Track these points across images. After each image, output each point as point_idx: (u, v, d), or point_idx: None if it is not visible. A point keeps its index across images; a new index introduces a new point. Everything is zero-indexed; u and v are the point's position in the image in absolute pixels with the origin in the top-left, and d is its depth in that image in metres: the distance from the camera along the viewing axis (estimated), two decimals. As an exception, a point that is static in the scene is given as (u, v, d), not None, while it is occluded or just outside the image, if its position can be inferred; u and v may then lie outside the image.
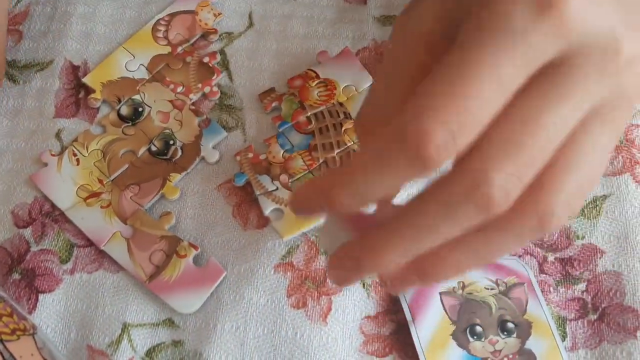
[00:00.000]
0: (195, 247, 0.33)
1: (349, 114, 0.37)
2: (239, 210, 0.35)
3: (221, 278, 0.32)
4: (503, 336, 0.31)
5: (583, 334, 0.31)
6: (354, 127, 0.33)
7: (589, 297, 0.32)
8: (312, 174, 0.35)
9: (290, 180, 0.35)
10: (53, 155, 0.36)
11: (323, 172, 0.35)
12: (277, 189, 0.35)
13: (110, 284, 0.33)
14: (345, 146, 0.36)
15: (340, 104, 0.38)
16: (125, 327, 0.32)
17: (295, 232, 0.33)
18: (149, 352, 0.32)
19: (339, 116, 0.37)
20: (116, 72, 0.39)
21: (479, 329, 0.31)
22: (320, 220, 0.33)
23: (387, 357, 0.31)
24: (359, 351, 0.31)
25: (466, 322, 0.31)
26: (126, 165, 0.36)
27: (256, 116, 0.38)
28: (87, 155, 0.36)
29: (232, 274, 0.33)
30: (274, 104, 0.38)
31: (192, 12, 0.41)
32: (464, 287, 0.32)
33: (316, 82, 0.38)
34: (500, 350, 0.30)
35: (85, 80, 0.39)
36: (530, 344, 0.30)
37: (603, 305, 0.32)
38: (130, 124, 0.37)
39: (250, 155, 0.36)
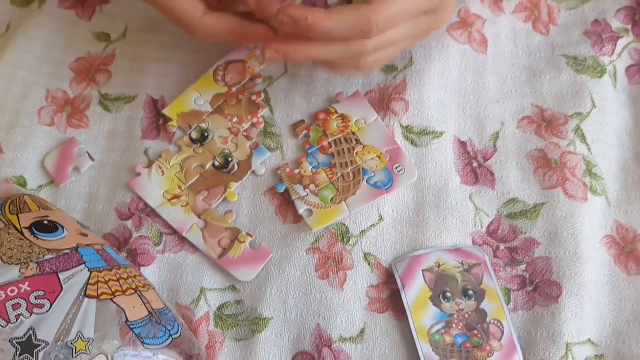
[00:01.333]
0: (251, 236, 0.46)
1: (360, 140, 0.50)
2: (280, 210, 0.48)
3: (269, 258, 0.46)
4: (465, 300, 0.44)
5: (522, 300, 0.44)
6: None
7: (528, 274, 0.45)
8: (332, 184, 0.48)
9: (317, 189, 0.48)
10: (144, 167, 0.49)
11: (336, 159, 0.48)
12: (307, 195, 0.47)
13: (190, 261, 0.46)
14: (357, 165, 0.48)
15: (353, 133, 0.50)
16: (202, 291, 0.45)
17: (321, 225, 0.46)
18: (220, 308, 0.45)
19: (352, 142, 0.50)
20: (187, 106, 0.51)
21: (448, 294, 0.44)
22: (338, 218, 0.46)
23: (385, 314, 0.44)
24: (365, 309, 0.44)
25: (440, 290, 0.44)
26: (197, 176, 0.49)
27: (291, 141, 0.50)
28: (169, 168, 0.49)
29: (277, 255, 0.46)
30: (304, 132, 0.51)
31: (243, 61, 0.53)
32: (439, 266, 0.45)
33: (335, 116, 0.51)
34: (462, 309, 0.43)
35: (164, 111, 0.51)
36: (484, 305, 0.43)
37: (537, 281, 0.45)
38: (199, 145, 0.50)
39: (288, 170, 0.49)
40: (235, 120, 0.51)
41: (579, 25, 0.55)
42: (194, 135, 0.50)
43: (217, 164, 0.49)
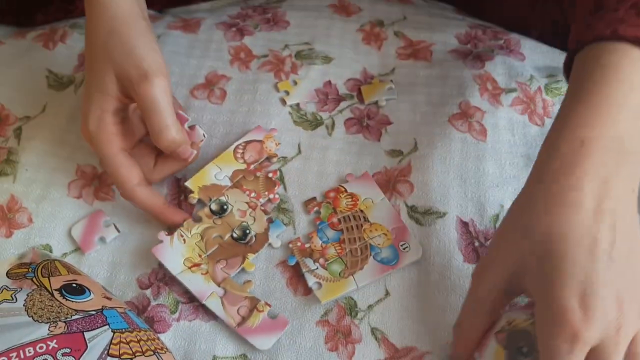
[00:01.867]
0: (269, 305, 0.48)
1: (367, 218, 0.53)
2: (290, 282, 0.50)
3: (287, 327, 0.47)
4: None
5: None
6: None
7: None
8: (341, 259, 0.50)
9: (326, 263, 0.50)
10: (167, 235, 0.52)
11: (350, 258, 0.51)
12: (317, 268, 0.50)
13: (204, 329, 0.48)
14: (364, 241, 0.51)
15: (361, 211, 0.53)
16: (214, 359, 0.47)
17: (329, 298, 0.48)
18: (231, 376, 0.46)
19: (360, 219, 0.53)
20: (208, 180, 0.55)
21: (524, 349, 0.40)
22: (346, 291, 0.49)
23: (391, 386, 0.46)
24: (372, 381, 0.46)
25: (514, 347, 0.40)
26: (216, 246, 0.52)
27: (302, 217, 0.54)
28: (190, 236, 0.52)
29: (288, 326, 0.48)
30: (315, 209, 0.54)
31: (261, 141, 0.58)
32: (509, 324, 0.42)
33: (345, 194, 0.55)
34: None
35: (187, 184, 0.55)
36: None
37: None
38: (218, 217, 0.53)
39: (299, 244, 0.52)
40: (253, 195, 0.54)
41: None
42: (214, 207, 0.54)
43: (235, 235, 0.52)
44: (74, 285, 0.41)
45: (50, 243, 0.53)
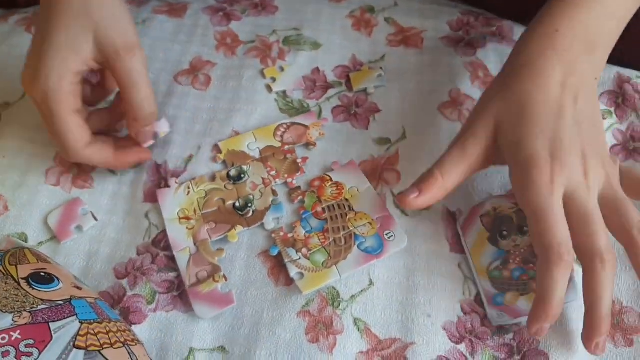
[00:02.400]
0: (226, 279, 0.48)
1: (352, 207, 0.51)
2: (272, 273, 0.49)
3: (230, 306, 0.46)
4: (521, 236, 0.47)
5: (510, 370, 0.44)
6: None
7: (515, 343, 0.45)
8: (324, 249, 0.49)
9: (309, 253, 0.49)
10: (176, 183, 0.53)
11: (332, 249, 0.49)
12: (299, 258, 0.48)
13: (181, 320, 0.47)
14: (349, 230, 0.50)
15: (346, 200, 0.52)
16: (191, 351, 0.45)
17: (311, 288, 0.47)
18: (208, 369, 0.45)
19: (345, 208, 0.51)
20: (240, 146, 0.55)
21: (505, 232, 0.47)
22: (328, 282, 0.47)
23: (373, 380, 0.44)
24: (353, 374, 0.44)
25: (497, 230, 0.47)
26: (215, 208, 0.51)
27: (286, 206, 0.53)
28: (195, 191, 0.52)
29: (267, 317, 0.46)
30: (299, 198, 0.53)
31: (306, 127, 0.57)
32: (495, 209, 0.48)
33: (330, 183, 0.53)
34: (519, 245, 0.46)
35: (219, 143, 0.55)
36: None
37: (524, 350, 0.45)
38: (231, 182, 0.53)
39: (282, 234, 0.50)
40: (272, 173, 0.54)
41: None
42: (233, 172, 0.53)
43: (237, 204, 0.52)
44: (42, 274, 0.39)
45: (25, 231, 0.52)
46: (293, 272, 0.48)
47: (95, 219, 0.52)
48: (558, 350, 0.44)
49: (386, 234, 0.49)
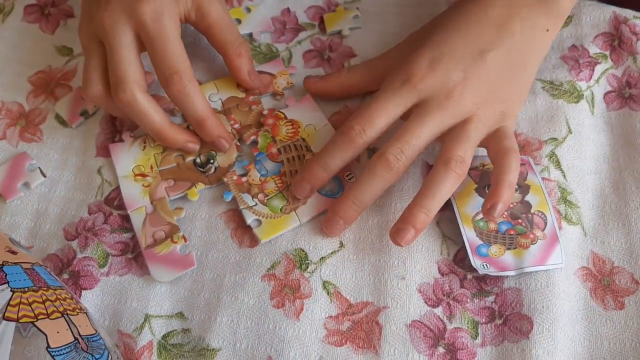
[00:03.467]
0: (185, 240, 0.44)
1: (310, 147, 0.47)
2: (235, 233, 0.45)
3: (191, 268, 0.43)
4: None
5: (490, 335, 0.41)
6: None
7: (497, 307, 0.42)
8: (282, 193, 0.45)
9: (266, 199, 0.45)
10: (131, 137, 0.48)
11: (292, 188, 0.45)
12: (256, 204, 0.45)
13: (136, 284, 0.43)
14: None
15: (303, 140, 0.48)
16: (146, 318, 0.42)
17: (270, 236, 0.43)
18: (164, 337, 0.41)
19: (302, 149, 0.47)
20: None
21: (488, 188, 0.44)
22: (288, 228, 0.44)
23: (343, 347, 0.41)
24: (321, 342, 0.41)
25: (485, 183, 0.45)
26: (174, 164, 0.47)
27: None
28: (152, 146, 0.48)
29: (229, 281, 0.43)
30: (252, 138, 0.48)
31: (272, 75, 0.52)
32: (483, 166, 0.46)
33: (284, 121, 0.49)
34: None
35: None
36: (528, 198, 0.45)
37: (506, 313, 0.42)
38: None
39: (235, 177, 0.46)
40: (236, 126, 0.49)
41: (556, 50, 0.53)
42: (192, 126, 0.48)
43: (198, 160, 0.48)
44: (-30, 238, 0.35)
45: (-32, 190, 0.47)
46: (250, 219, 0.44)
47: (44, 175, 0.48)
48: (542, 314, 0.41)
49: (347, 175, 0.46)
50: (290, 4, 0.57)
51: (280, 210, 0.44)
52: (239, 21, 0.55)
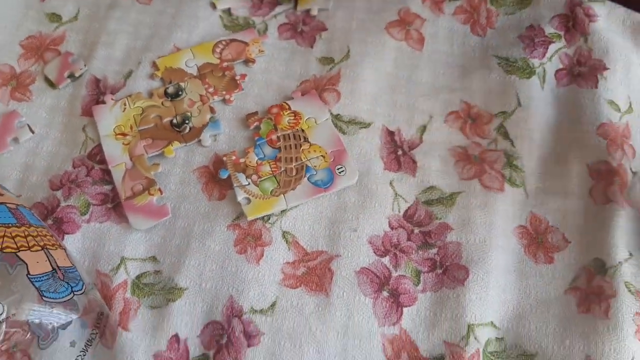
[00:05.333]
0: (162, 192, 0.48)
1: (307, 138, 0.50)
2: (206, 187, 0.49)
3: (166, 218, 0.47)
4: None
5: (431, 282, 0.45)
6: None
7: (438, 258, 0.46)
8: (275, 177, 0.49)
9: (258, 180, 0.49)
10: (112, 100, 0.52)
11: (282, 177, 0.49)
12: (248, 184, 0.48)
13: (114, 231, 0.47)
14: (301, 161, 0.49)
15: (303, 130, 0.51)
16: (122, 260, 0.46)
17: (256, 214, 0.47)
18: (138, 277, 0.46)
19: (300, 139, 0.51)
20: (177, 63, 0.54)
21: None
22: (274, 210, 0.47)
23: (297, 289, 0.45)
24: (278, 284, 0.45)
25: None
26: (152, 124, 0.51)
27: (242, 130, 0.52)
28: (132, 108, 0.52)
29: (198, 229, 0.47)
30: (255, 124, 0.52)
31: (246, 43, 0.56)
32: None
33: (288, 112, 0.52)
34: None
35: (156, 61, 0.54)
36: None
37: (447, 264, 0.46)
38: (169, 99, 0.52)
39: (234, 157, 0.50)
40: (210, 89, 0.53)
41: (514, 30, 0.57)
42: (170, 89, 0.53)
43: (174, 121, 0.52)
44: (-38, 178, 0.40)
45: (-38, 144, 0.52)
46: (240, 196, 0.48)
47: (32, 131, 0.52)
48: (478, 265, 0.45)
49: (337, 169, 0.49)
50: (268, -20, 0.60)
51: (270, 192, 0.48)
52: (217, -3, 0.59)
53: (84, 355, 0.42)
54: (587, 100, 0.52)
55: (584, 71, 0.54)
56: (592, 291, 0.44)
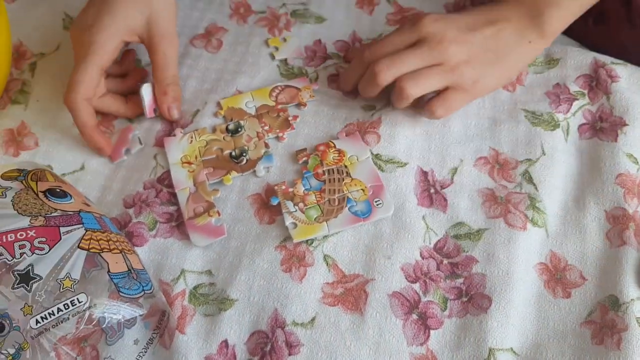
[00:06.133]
0: (219, 214, 0.55)
1: (349, 173, 0.57)
2: (258, 212, 0.56)
3: (222, 237, 0.54)
4: None
5: (457, 308, 0.50)
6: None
7: (464, 287, 0.51)
8: (319, 206, 0.55)
9: (305, 208, 0.55)
10: (181, 133, 0.60)
11: (328, 199, 0.56)
12: (296, 211, 0.54)
13: (176, 246, 0.54)
14: (343, 193, 0.55)
15: (346, 166, 0.57)
16: (182, 272, 0.53)
17: (302, 237, 0.53)
18: (195, 287, 0.52)
19: (343, 174, 0.57)
20: (239, 104, 0.62)
21: None
22: (317, 235, 0.53)
23: (335, 307, 0.50)
24: (318, 301, 0.51)
25: None
26: (214, 156, 0.59)
27: (292, 164, 0.59)
28: (197, 141, 0.60)
29: (250, 248, 0.53)
30: (304, 159, 0.59)
31: (298, 89, 0.64)
32: None
33: (333, 149, 0.59)
34: None
35: (221, 101, 0.62)
36: None
37: (471, 293, 0.51)
38: (229, 135, 0.60)
39: (284, 187, 0.56)
40: (266, 128, 0.61)
41: (542, 86, 0.63)
42: (231, 126, 0.61)
43: (233, 154, 0.59)
44: (58, 190, 0.47)
45: (52, 164, 0.60)
46: (288, 221, 0.54)
47: (141, 142, 0.60)
48: (500, 295, 0.50)
49: (375, 201, 0.55)
50: (322, 37, 0.68)
51: (315, 219, 0.54)
52: (276, 48, 0.67)
53: (145, 353, 0.47)
54: (607, 152, 0.57)
55: (605, 126, 0.59)
56: (606, 325, 0.48)
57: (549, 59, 0.65)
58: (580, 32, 0.68)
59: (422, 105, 0.58)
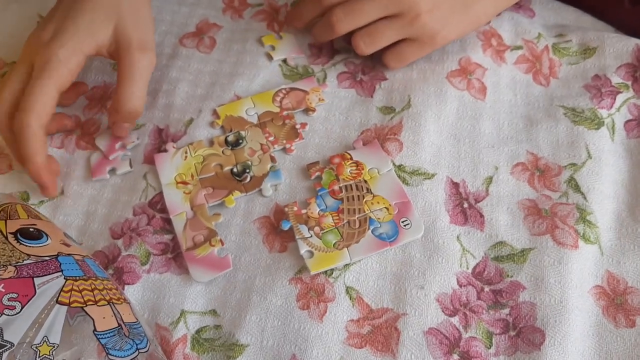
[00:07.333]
0: (222, 243, 0.47)
1: (370, 189, 0.49)
2: (267, 239, 0.48)
3: (227, 270, 0.46)
4: None
5: (504, 345, 0.43)
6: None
7: (511, 319, 0.44)
8: (337, 230, 0.47)
9: (321, 232, 0.47)
10: (174, 147, 0.52)
11: (345, 225, 0.48)
12: (311, 236, 0.47)
13: (174, 282, 0.47)
14: (364, 213, 0.48)
15: (365, 181, 0.50)
16: (182, 313, 0.45)
17: (320, 268, 0.45)
18: (198, 331, 0.45)
19: (363, 190, 0.49)
20: (238, 112, 0.54)
21: None
22: (338, 264, 0.46)
23: (363, 349, 0.43)
24: (342, 343, 0.43)
25: None
26: (213, 173, 0.51)
27: (303, 180, 0.51)
28: (193, 156, 0.52)
29: (259, 282, 0.46)
30: (316, 174, 0.51)
31: (305, 92, 0.56)
32: None
33: (350, 162, 0.51)
34: None
35: (217, 109, 0.54)
36: None
37: (520, 325, 0.44)
38: (229, 148, 0.52)
39: (295, 208, 0.49)
40: (271, 138, 0.53)
41: (579, 79, 0.56)
42: (231, 138, 0.53)
43: (235, 170, 0.51)
44: (31, 229, 0.40)
45: (28, 190, 0.52)
46: (303, 249, 0.47)
47: (131, 166, 0.52)
48: (555, 328, 0.43)
49: (402, 222, 0.48)
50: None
51: (334, 245, 0.46)
52: (272, 47, 0.59)
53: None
54: (661, 153, 0.50)
55: (655, 122, 0.52)
56: (681, 359, 0.41)
57: (584, 48, 0.58)
58: (616, 14, 0.61)
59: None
